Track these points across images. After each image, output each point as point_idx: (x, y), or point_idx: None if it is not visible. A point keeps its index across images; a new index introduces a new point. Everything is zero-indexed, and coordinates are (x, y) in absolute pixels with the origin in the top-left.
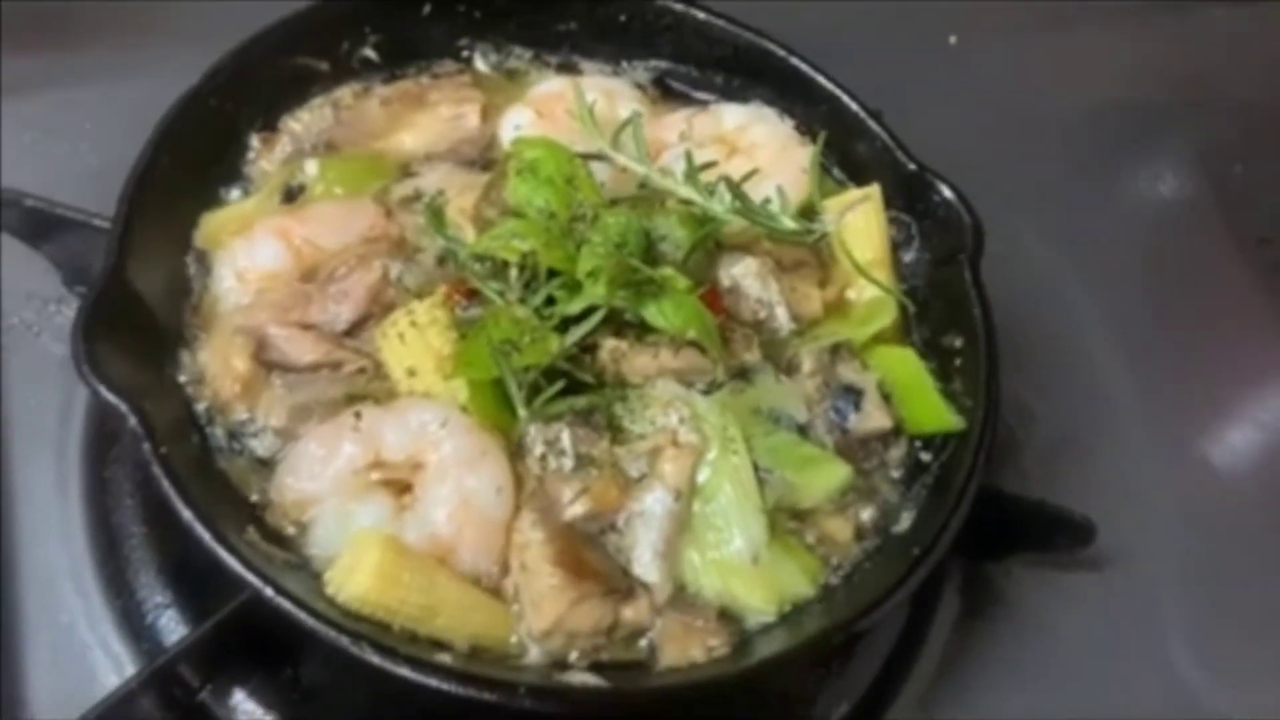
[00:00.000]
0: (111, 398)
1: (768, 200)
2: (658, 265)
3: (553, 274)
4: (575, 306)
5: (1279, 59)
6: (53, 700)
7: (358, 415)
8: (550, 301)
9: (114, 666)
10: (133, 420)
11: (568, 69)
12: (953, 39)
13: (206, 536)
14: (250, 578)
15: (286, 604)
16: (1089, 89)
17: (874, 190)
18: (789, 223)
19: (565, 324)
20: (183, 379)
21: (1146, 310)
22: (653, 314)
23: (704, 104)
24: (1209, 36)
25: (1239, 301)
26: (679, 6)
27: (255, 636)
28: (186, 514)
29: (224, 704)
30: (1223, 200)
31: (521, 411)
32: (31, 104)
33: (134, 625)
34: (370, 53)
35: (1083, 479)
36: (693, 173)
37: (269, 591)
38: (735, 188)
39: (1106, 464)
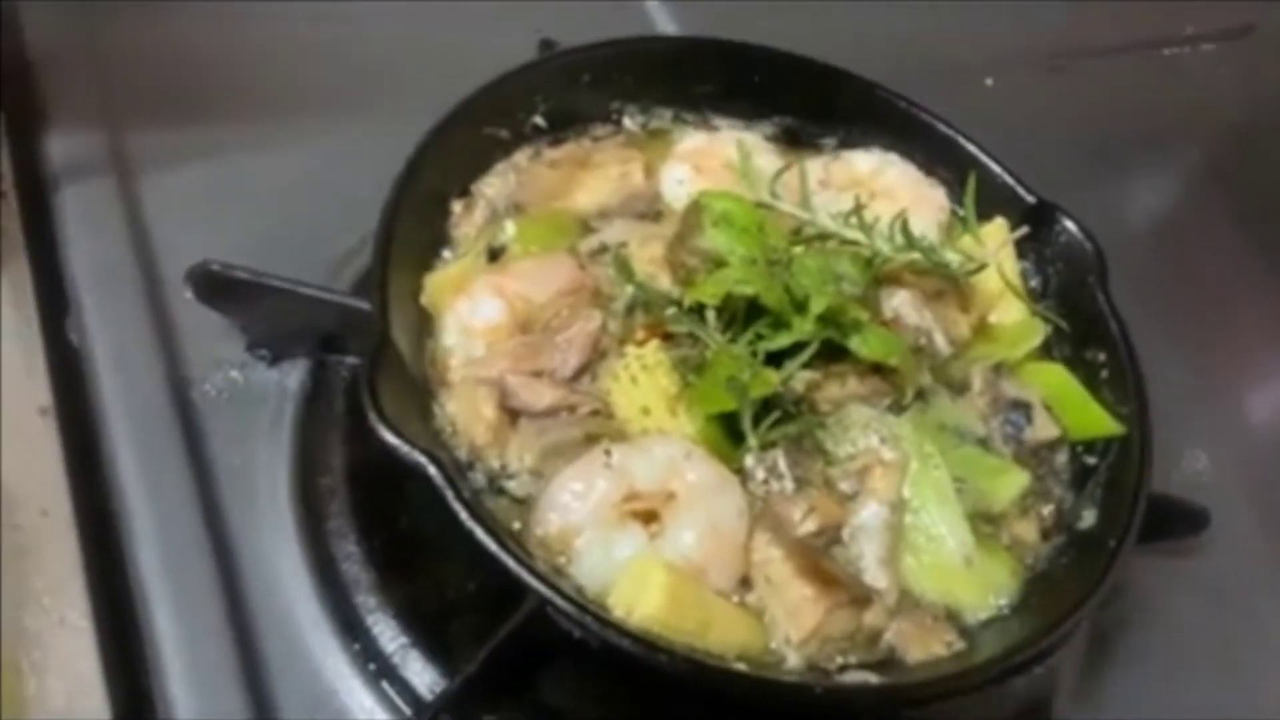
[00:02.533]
0: (414, 454)
1: (924, 236)
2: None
3: (750, 315)
4: (783, 342)
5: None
6: None
7: (608, 453)
8: (755, 339)
9: (364, 710)
10: (433, 470)
11: (704, 125)
12: (989, 80)
13: (527, 575)
14: (567, 608)
15: (611, 632)
16: (1113, 121)
17: (1002, 222)
18: (951, 256)
19: (769, 359)
20: (442, 430)
21: (1186, 319)
22: (857, 344)
23: (833, 153)
24: (1205, 70)
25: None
26: (816, 65)
27: (506, 669)
28: (506, 559)
29: None
30: (1240, 218)
31: (752, 440)
32: (172, 178)
33: (378, 669)
34: (540, 120)
35: (1165, 472)
36: (856, 213)
37: (590, 620)
38: (904, 227)
39: (1193, 458)
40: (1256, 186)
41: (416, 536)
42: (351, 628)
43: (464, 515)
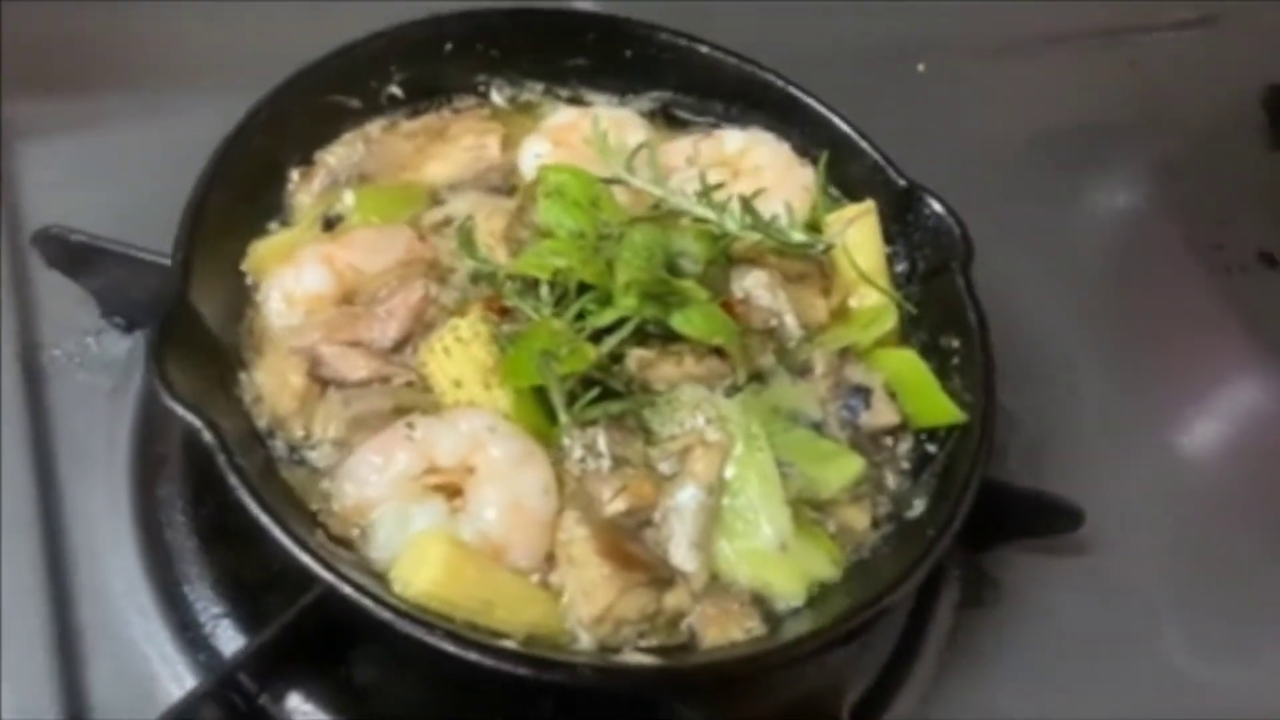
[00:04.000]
0: (189, 416)
1: (776, 216)
2: (679, 279)
3: (583, 289)
4: (607, 318)
5: (1219, 81)
6: (117, 713)
7: (411, 425)
8: (582, 315)
9: (174, 676)
10: (208, 435)
11: (577, 101)
12: (921, 66)
13: (289, 541)
14: (329, 576)
15: (365, 599)
16: (1048, 111)
17: (870, 205)
18: (798, 236)
19: (596, 335)
20: (243, 398)
21: (1114, 313)
22: (681, 322)
23: (706, 130)
24: (1159, 60)
25: (1198, 300)
26: (683, 42)
27: (312, 640)
28: (266, 519)
29: (281, 708)
30: (1178, 210)
31: (563, 416)
32: (50, 148)
33: (192, 637)
34: (396, 90)
35: (1065, 472)
36: (706, 192)
37: (348, 589)
38: (749, 205)
39: (1086, 457)
40: (1192, 182)
41: (242, 508)
42: (170, 596)
43: (233, 480)
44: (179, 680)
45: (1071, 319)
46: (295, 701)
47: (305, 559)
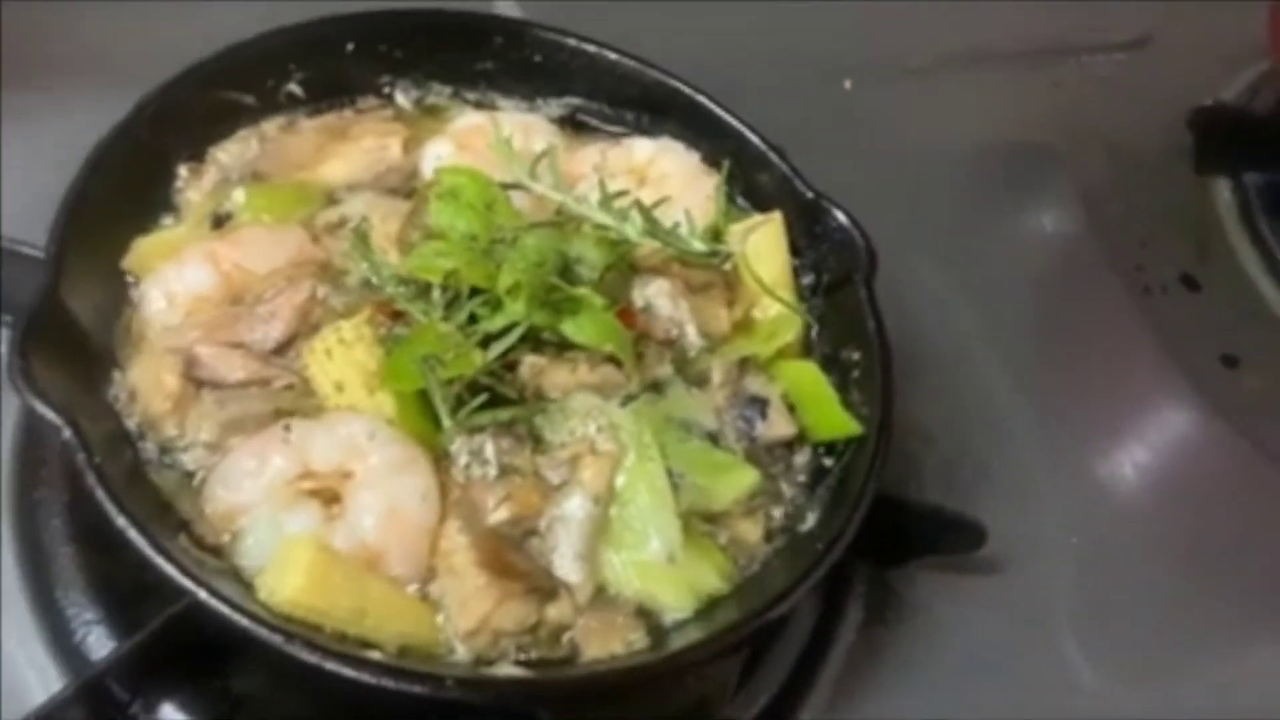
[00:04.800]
0: (48, 412)
1: (677, 225)
2: (575, 286)
3: (474, 294)
4: (497, 324)
5: (1146, 103)
6: None
7: (287, 428)
8: (473, 320)
9: (42, 683)
10: (68, 433)
11: (485, 105)
12: (847, 83)
13: (143, 542)
14: (185, 582)
15: (223, 606)
16: (975, 130)
17: (775, 216)
18: (697, 244)
19: (487, 341)
20: (115, 397)
21: (1034, 333)
22: (571, 329)
23: (615, 138)
24: (1085, 82)
25: (1118, 321)
26: (591, 49)
27: (185, 648)
28: (121, 520)
29: (154, 717)
30: (1101, 231)
31: (446, 422)
32: None
33: (63, 643)
34: (295, 88)
35: (976, 490)
36: (606, 199)
37: (203, 594)
38: (646, 212)
39: (999, 477)
40: (1117, 203)
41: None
42: (44, 601)
43: (91, 480)
44: (49, 687)
45: (991, 337)
46: (169, 711)
47: (164, 564)
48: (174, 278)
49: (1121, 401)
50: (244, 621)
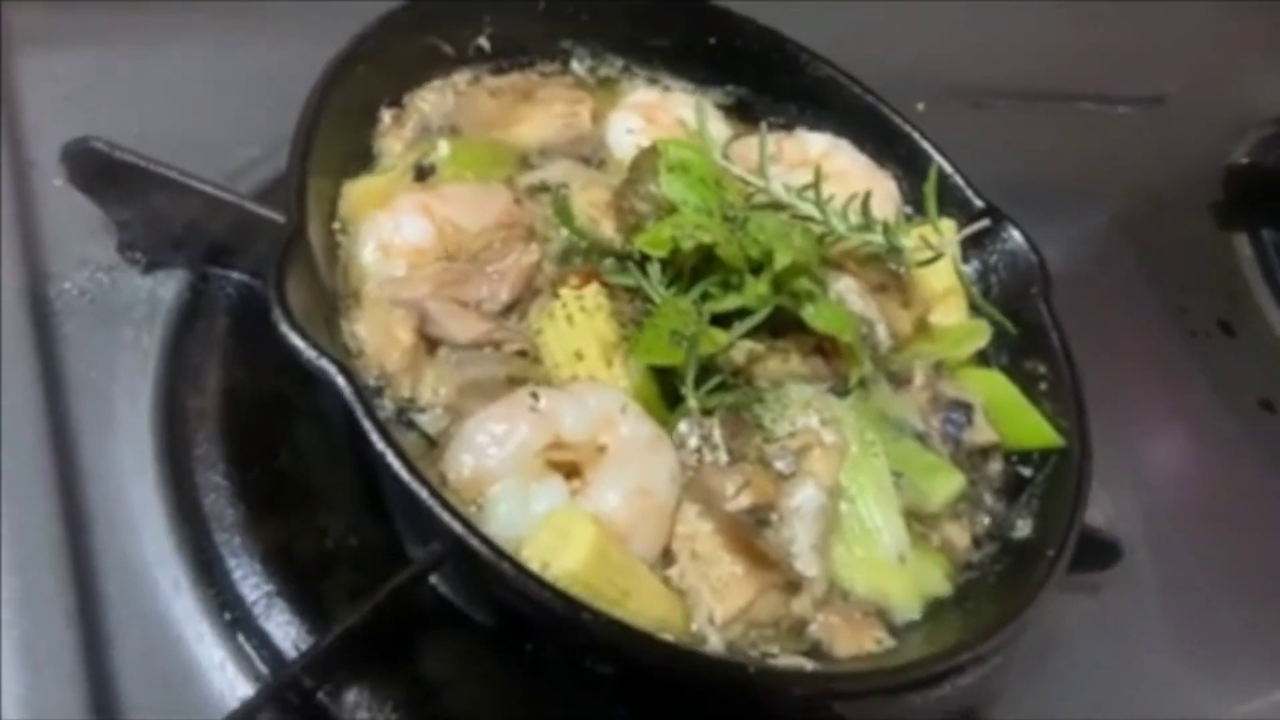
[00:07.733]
0: (322, 361)
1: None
2: None
3: (697, 274)
4: (730, 304)
5: (1180, 157)
6: (150, 699)
7: (535, 395)
8: (702, 298)
9: (213, 661)
10: (341, 381)
11: (654, 83)
12: (920, 105)
13: (446, 514)
14: (477, 544)
15: (529, 581)
16: (1024, 163)
17: (951, 222)
18: (908, 242)
19: (714, 321)
20: (344, 348)
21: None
22: (810, 315)
23: (780, 130)
24: (1126, 130)
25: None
26: (768, 36)
27: (387, 631)
28: (404, 474)
29: (340, 705)
30: (1138, 269)
31: (691, 401)
32: (58, 60)
33: (235, 617)
34: (484, 42)
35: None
36: (808, 188)
37: (509, 570)
38: (863, 205)
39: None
40: (1158, 247)
41: (298, 474)
42: (208, 569)
43: (374, 435)
44: (218, 666)
45: None
46: (355, 697)
47: (471, 540)
48: (390, 228)
49: (1165, 436)
50: (548, 598)
